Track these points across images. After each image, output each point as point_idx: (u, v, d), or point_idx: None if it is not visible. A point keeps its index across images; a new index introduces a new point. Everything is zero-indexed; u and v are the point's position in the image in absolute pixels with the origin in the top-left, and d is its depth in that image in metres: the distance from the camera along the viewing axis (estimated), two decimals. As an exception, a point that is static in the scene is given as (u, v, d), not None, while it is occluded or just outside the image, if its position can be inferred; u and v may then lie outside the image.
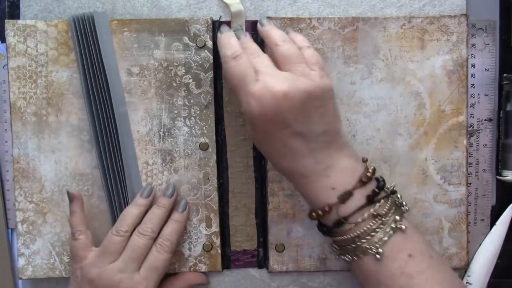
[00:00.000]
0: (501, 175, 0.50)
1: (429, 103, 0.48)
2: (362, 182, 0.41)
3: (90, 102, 0.47)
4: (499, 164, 0.51)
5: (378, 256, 0.40)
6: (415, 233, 0.41)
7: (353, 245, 0.41)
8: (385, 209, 0.41)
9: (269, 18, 0.47)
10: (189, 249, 0.49)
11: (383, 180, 0.42)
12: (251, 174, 0.50)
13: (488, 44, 0.50)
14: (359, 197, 0.41)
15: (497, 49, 0.51)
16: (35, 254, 0.49)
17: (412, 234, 0.41)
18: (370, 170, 0.42)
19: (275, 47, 0.42)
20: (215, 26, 0.49)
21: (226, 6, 0.49)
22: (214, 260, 0.49)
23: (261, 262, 0.50)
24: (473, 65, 0.50)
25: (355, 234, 0.40)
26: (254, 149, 0.49)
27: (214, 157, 0.48)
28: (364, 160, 0.43)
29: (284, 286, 0.51)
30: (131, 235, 0.45)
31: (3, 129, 0.50)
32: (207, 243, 0.49)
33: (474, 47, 0.50)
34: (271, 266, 0.49)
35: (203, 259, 0.49)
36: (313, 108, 0.40)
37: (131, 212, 0.46)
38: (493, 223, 0.51)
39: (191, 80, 0.48)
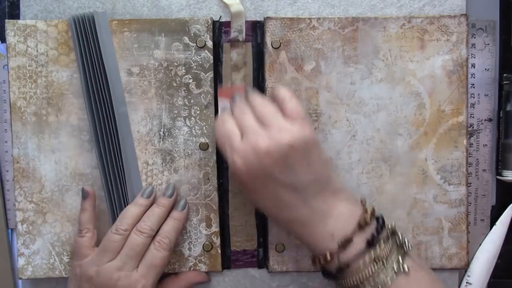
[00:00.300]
0: (501, 175, 0.50)
1: (429, 103, 0.48)
2: (361, 226, 0.41)
3: (90, 102, 0.47)
4: (499, 164, 0.51)
5: None
6: (419, 271, 0.41)
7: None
8: (386, 252, 0.40)
9: (269, 18, 0.48)
10: (189, 249, 0.49)
11: (383, 220, 0.42)
12: (251, 174, 0.50)
13: (488, 44, 0.50)
14: (359, 241, 0.40)
15: (497, 49, 0.51)
16: (35, 254, 0.49)
17: (416, 273, 0.40)
18: (368, 212, 0.41)
19: (254, 110, 0.42)
20: (215, 26, 0.49)
21: (226, 6, 0.49)
22: (214, 260, 0.49)
23: (261, 262, 0.50)
24: (473, 65, 0.50)
25: (357, 278, 0.40)
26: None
27: (214, 157, 0.48)
28: (363, 203, 0.43)
29: (284, 286, 0.51)
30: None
31: (3, 129, 0.50)
32: (207, 243, 0.49)
33: (474, 47, 0.50)
34: (271, 266, 0.49)
35: (203, 259, 0.49)
36: (297, 160, 0.40)
37: (131, 211, 0.46)
38: (493, 223, 0.51)
39: (191, 80, 0.48)
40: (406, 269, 0.40)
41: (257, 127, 0.41)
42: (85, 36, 0.47)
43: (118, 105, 0.47)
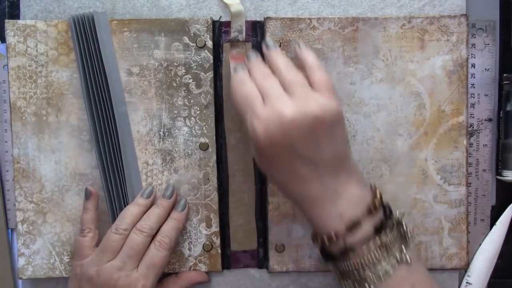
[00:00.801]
0: (501, 175, 0.50)
1: (429, 103, 0.48)
2: (370, 211, 0.40)
3: (90, 102, 0.47)
4: (499, 164, 0.51)
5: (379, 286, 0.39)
6: (419, 264, 0.40)
7: (356, 272, 0.39)
8: (391, 239, 0.40)
9: (269, 18, 0.48)
10: (189, 249, 0.49)
11: (390, 208, 0.41)
12: (251, 174, 0.50)
13: (488, 44, 0.50)
14: (367, 226, 0.39)
15: (497, 49, 0.51)
16: (35, 254, 0.49)
17: (416, 265, 0.40)
18: (378, 197, 0.41)
19: (279, 75, 0.40)
20: (215, 26, 0.49)
21: (226, 6, 0.49)
22: (214, 260, 0.49)
23: (261, 262, 0.50)
24: (473, 65, 0.50)
25: (359, 262, 0.39)
26: (254, 149, 0.49)
27: (214, 157, 0.48)
28: (373, 188, 0.42)
29: (284, 286, 0.51)
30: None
31: (3, 129, 0.50)
32: (207, 243, 0.49)
33: (474, 47, 0.50)
34: (271, 266, 0.49)
35: (203, 259, 0.49)
36: (322, 133, 0.38)
37: (131, 211, 0.46)
38: (493, 223, 0.51)
39: (191, 80, 0.48)
40: (409, 260, 0.39)
41: (283, 93, 0.39)
42: (85, 36, 0.47)
43: (118, 105, 0.47)
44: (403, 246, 0.40)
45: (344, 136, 0.40)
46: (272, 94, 0.39)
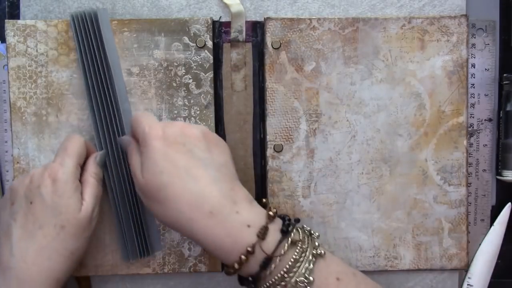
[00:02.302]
0: (501, 175, 0.50)
1: (429, 104, 0.48)
2: (271, 217, 0.39)
3: (91, 99, 0.47)
4: (499, 164, 0.51)
5: (308, 286, 0.37)
6: (333, 257, 0.40)
7: (283, 283, 0.38)
8: (302, 237, 0.39)
9: (269, 18, 0.47)
10: (189, 249, 0.49)
11: (286, 214, 0.41)
12: (251, 174, 0.50)
13: (488, 44, 0.50)
14: (273, 231, 0.39)
15: (497, 49, 0.51)
16: (35, 254, 0.49)
17: (331, 257, 0.40)
18: (272, 208, 0.40)
19: None
20: (215, 26, 0.49)
21: (226, 6, 0.49)
22: (214, 260, 0.49)
23: (261, 262, 0.50)
24: (473, 65, 0.50)
25: (283, 270, 0.38)
26: (254, 149, 0.49)
27: (214, 157, 0.48)
28: (264, 201, 0.43)
29: (284, 286, 0.51)
30: None
31: (3, 129, 0.50)
32: (207, 243, 0.49)
33: (474, 47, 0.50)
34: (271, 266, 0.49)
35: (203, 259, 0.49)
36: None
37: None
38: (493, 223, 0.51)
39: (191, 80, 0.48)
40: (323, 252, 0.39)
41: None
42: (87, 32, 0.46)
43: (122, 101, 0.47)
44: (316, 242, 0.40)
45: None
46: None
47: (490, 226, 0.51)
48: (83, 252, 0.44)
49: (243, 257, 0.38)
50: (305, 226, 0.42)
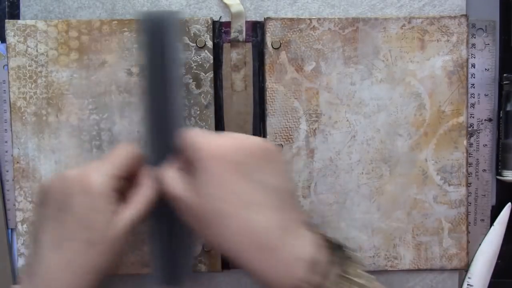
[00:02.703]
0: (501, 175, 0.50)
1: (429, 104, 0.48)
2: (323, 246, 0.36)
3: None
4: (499, 164, 0.51)
5: None
6: (371, 277, 0.38)
7: None
8: (351, 270, 0.36)
9: (269, 18, 0.47)
10: (189, 249, 0.49)
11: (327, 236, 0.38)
12: (251, 174, 0.50)
13: (488, 44, 0.50)
14: (322, 260, 0.36)
15: (497, 49, 0.51)
16: (35, 254, 0.49)
17: (371, 280, 0.37)
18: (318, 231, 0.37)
19: None
20: (215, 26, 0.49)
21: (226, 6, 0.49)
22: (214, 260, 0.49)
23: (261, 262, 0.50)
24: (473, 65, 0.50)
25: None
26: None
27: (214, 157, 0.48)
28: (314, 226, 0.39)
29: (284, 286, 0.51)
30: None
31: (3, 129, 0.50)
32: (207, 243, 0.49)
33: (474, 47, 0.50)
34: (271, 266, 0.49)
35: (203, 259, 0.49)
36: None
37: None
38: (493, 223, 0.51)
39: (191, 80, 0.48)
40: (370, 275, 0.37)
41: None
42: (156, 37, 0.42)
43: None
44: (356, 266, 0.37)
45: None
46: None
47: (490, 226, 0.51)
48: (114, 267, 0.40)
49: None
50: (344, 245, 0.38)
